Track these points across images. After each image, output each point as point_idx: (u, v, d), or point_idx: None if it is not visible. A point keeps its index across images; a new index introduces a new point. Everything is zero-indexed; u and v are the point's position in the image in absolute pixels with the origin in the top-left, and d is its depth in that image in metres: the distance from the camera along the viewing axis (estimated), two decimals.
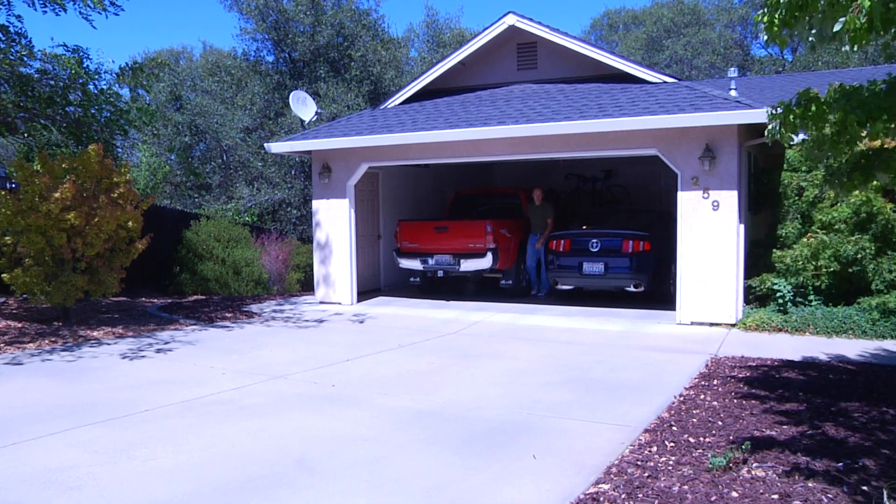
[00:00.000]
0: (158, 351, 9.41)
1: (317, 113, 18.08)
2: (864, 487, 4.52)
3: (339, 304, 13.66)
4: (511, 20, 13.26)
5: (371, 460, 5.23)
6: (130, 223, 11.29)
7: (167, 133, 25.75)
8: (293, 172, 24.43)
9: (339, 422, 6.23)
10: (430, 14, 34.79)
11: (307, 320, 12.06)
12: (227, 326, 11.46)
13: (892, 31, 4.05)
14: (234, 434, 5.87)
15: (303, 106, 17.26)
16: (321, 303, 13.89)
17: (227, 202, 25.03)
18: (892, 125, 4.77)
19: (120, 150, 16.56)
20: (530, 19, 13.23)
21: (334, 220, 13.70)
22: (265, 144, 15.43)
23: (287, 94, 20.11)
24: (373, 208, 15.28)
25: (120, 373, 8.16)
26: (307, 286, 17.34)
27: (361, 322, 11.83)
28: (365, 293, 14.50)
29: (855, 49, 4.12)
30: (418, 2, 68.83)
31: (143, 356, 9.06)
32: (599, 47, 14.47)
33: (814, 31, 4.24)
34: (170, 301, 15.10)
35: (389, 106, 14.59)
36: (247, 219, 23.43)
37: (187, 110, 26.81)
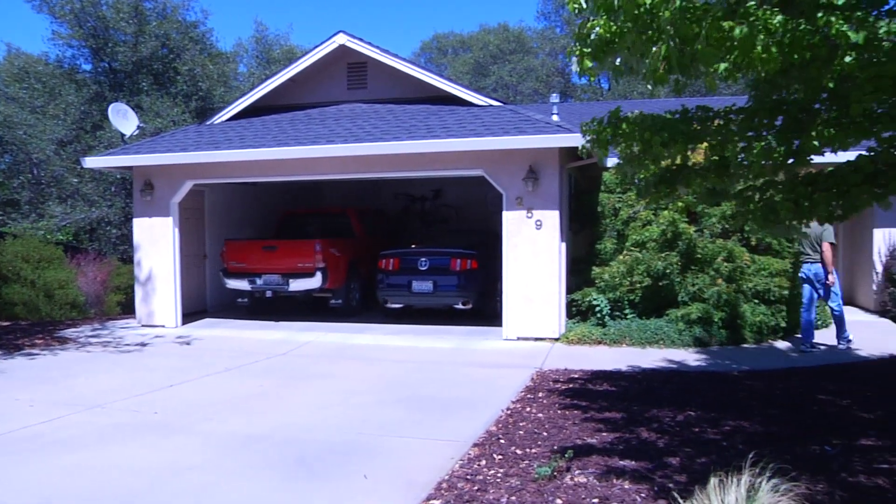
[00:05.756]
0: None
1: (139, 127, 17.20)
2: (670, 484, 4.84)
3: (163, 326, 13.02)
4: (342, 39, 13.26)
5: (197, 490, 5.01)
6: None
7: None
8: (113, 189, 23.05)
9: (163, 451, 5.91)
10: (259, 30, 34.01)
11: (128, 344, 11.40)
12: (37, 354, 10.60)
13: (688, 72, 4.43)
14: (44, 472, 5.41)
15: (123, 119, 16.37)
16: (143, 326, 13.18)
17: (37, 220, 23.21)
18: (689, 147, 5.26)
19: None
20: (361, 39, 13.30)
21: (157, 239, 13.08)
22: (81, 159, 14.54)
23: (106, 106, 18.98)
24: (198, 227, 14.72)
25: None
26: (128, 309, 16.38)
27: (187, 345, 11.33)
28: (190, 315, 13.91)
29: (655, 87, 4.49)
30: (247, 17, 67.70)
31: None
32: (428, 70, 14.76)
33: (620, 64, 4.58)
34: None
35: (217, 122, 14.15)
36: (60, 238, 21.87)
37: None
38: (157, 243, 13.10)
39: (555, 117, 11.80)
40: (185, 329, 12.84)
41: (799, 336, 10.48)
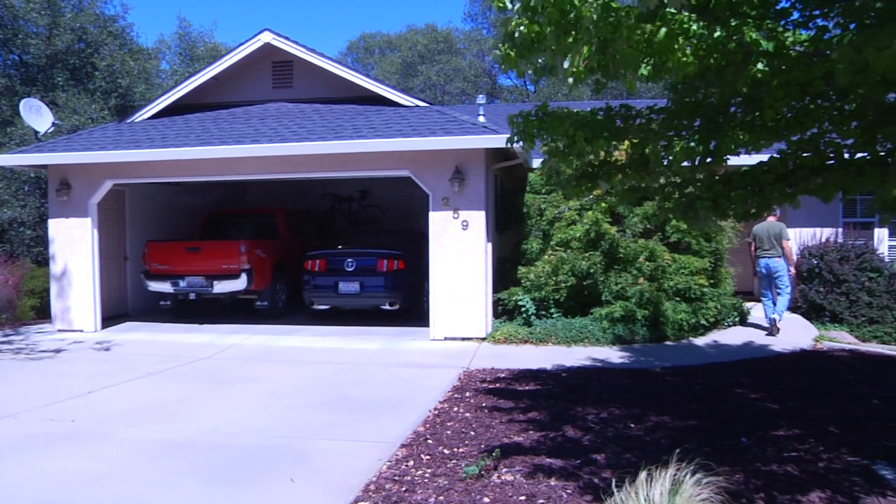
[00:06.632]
0: None
1: (54, 124, 16.60)
2: (595, 480, 4.94)
3: (81, 331, 12.60)
4: (267, 37, 13.09)
5: (117, 500, 4.86)
6: None
7: None
8: (26, 188, 22.12)
9: (81, 461, 5.72)
10: (182, 26, 33.08)
11: (43, 351, 10.98)
12: None
13: (609, 73, 4.54)
14: None
15: (37, 116, 15.79)
16: (60, 331, 12.73)
17: None
18: (612, 144, 5.40)
19: None
20: (287, 38, 13.14)
21: (74, 240, 12.66)
22: None
23: (18, 101, 18.23)
24: (119, 228, 14.31)
25: None
26: (44, 313, 15.80)
27: (106, 350, 10.99)
28: (111, 319, 13.51)
29: (574, 85, 4.59)
30: (170, 12, 66.11)
31: None
32: (355, 69, 14.68)
33: (541, 64, 4.67)
34: None
35: (137, 120, 13.78)
36: None
37: None
38: (74, 245, 12.68)
39: (481, 118, 11.90)
40: (105, 333, 12.46)
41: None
